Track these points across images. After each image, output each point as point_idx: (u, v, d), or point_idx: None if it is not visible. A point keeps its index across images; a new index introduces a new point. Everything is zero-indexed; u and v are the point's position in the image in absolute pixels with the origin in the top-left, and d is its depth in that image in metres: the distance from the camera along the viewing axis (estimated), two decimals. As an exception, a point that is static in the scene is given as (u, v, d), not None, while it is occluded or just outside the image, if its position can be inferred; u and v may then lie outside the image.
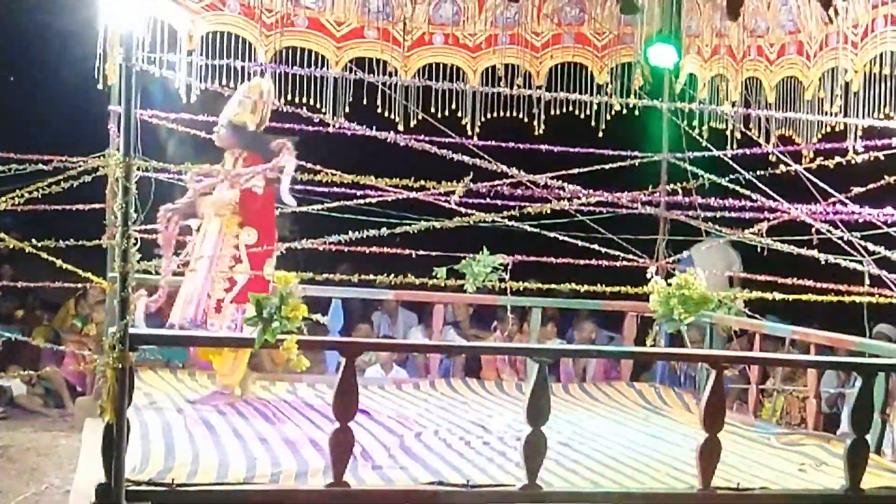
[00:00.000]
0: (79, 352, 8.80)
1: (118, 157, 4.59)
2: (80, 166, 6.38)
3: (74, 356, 9.33)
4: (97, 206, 7.46)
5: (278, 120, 7.49)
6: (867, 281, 6.80)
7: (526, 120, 8.21)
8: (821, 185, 7.12)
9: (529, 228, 7.70)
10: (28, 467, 7.46)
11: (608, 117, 8.30)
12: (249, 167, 6.93)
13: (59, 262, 5.90)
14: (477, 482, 5.24)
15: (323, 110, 7.88)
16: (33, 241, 5.97)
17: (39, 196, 6.24)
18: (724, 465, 5.57)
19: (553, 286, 8.44)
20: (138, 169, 4.66)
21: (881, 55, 6.95)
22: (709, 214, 7.38)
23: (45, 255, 5.91)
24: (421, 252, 7.97)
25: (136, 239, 4.57)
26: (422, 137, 7.24)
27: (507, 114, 8.25)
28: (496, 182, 7.00)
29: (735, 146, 8.09)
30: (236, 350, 6.85)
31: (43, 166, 6.42)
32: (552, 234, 8.02)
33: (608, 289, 6.97)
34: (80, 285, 8.03)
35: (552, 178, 6.67)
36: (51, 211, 7.06)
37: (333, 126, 7.37)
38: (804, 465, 6.19)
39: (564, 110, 8.26)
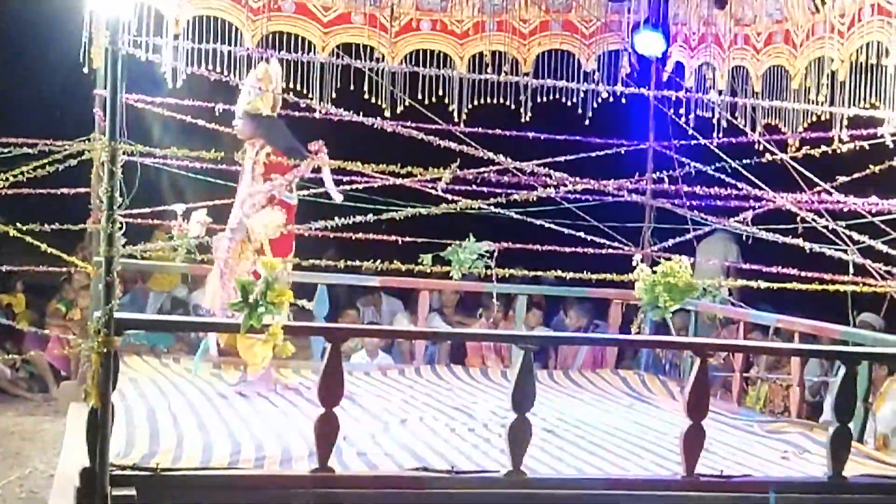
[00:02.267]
0: (63, 336, 8.78)
1: (104, 141, 4.58)
2: (65, 150, 6.36)
3: (59, 340, 9.31)
4: (82, 190, 7.44)
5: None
6: (851, 270, 6.83)
7: (513, 107, 8.22)
8: (806, 173, 7.14)
9: (515, 216, 7.70)
10: (12, 451, 7.45)
11: (595, 105, 8.31)
12: (273, 162, 7.04)
13: (43, 246, 5.89)
14: (461, 468, 5.25)
15: (309, 96, 7.87)
16: (18, 224, 5.95)
17: (24, 180, 6.21)
18: (707, 453, 5.59)
19: (539, 273, 8.45)
20: (124, 153, 4.64)
21: (867, 45, 6.96)
22: (694, 203, 7.39)
23: (29, 239, 5.89)
24: (407, 238, 7.98)
25: (121, 223, 4.56)
26: (408, 124, 7.23)
27: (495, 101, 8.26)
28: (483, 169, 6.99)
29: (721, 135, 8.10)
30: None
31: (28, 150, 6.40)
32: (538, 222, 8.03)
33: (594, 276, 6.97)
34: (65, 269, 8.01)
35: (539, 165, 6.65)
36: (36, 195, 7.03)
37: (320, 112, 7.35)
38: (787, 452, 6.22)
39: (551, 97, 8.26)
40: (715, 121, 8.18)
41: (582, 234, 8.23)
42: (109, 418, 4.56)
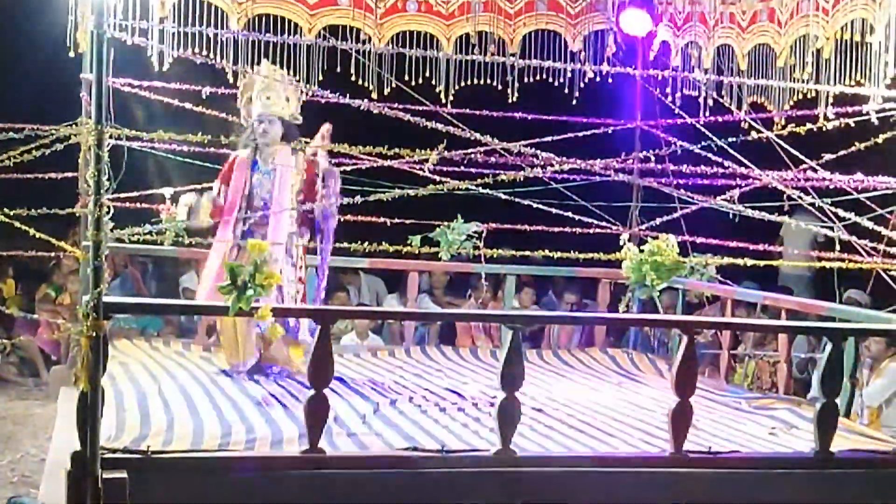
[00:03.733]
0: (53, 321, 8.78)
1: (90, 125, 4.58)
2: (51, 135, 6.35)
3: (49, 325, 9.32)
4: (70, 174, 7.43)
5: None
6: (837, 247, 6.86)
7: (500, 88, 8.21)
8: (792, 151, 7.16)
9: (503, 196, 7.71)
10: (3, 436, 7.47)
11: (581, 85, 8.30)
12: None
13: (32, 231, 5.88)
14: (451, 448, 5.29)
15: (296, 78, 7.85)
16: (5, 209, 5.94)
17: (11, 165, 6.20)
18: (695, 430, 5.64)
19: (527, 253, 8.46)
20: (110, 137, 4.64)
21: (852, 22, 6.97)
22: (681, 182, 7.41)
23: (18, 224, 5.89)
24: (395, 220, 7.98)
25: (108, 207, 4.57)
26: (395, 105, 7.23)
27: (481, 81, 8.24)
28: (470, 150, 7.00)
29: (707, 113, 8.11)
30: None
31: (14, 134, 6.38)
32: (526, 202, 8.04)
33: (582, 256, 6.99)
34: (53, 254, 8.01)
35: (526, 145, 6.66)
36: (24, 179, 7.02)
37: (306, 94, 7.34)
38: (775, 428, 6.26)
39: (538, 78, 8.26)
40: (701, 99, 8.18)
41: (570, 214, 8.24)
42: (100, 402, 4.58)
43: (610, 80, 7.97)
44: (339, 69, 7.85)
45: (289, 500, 5.01)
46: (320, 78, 7.96)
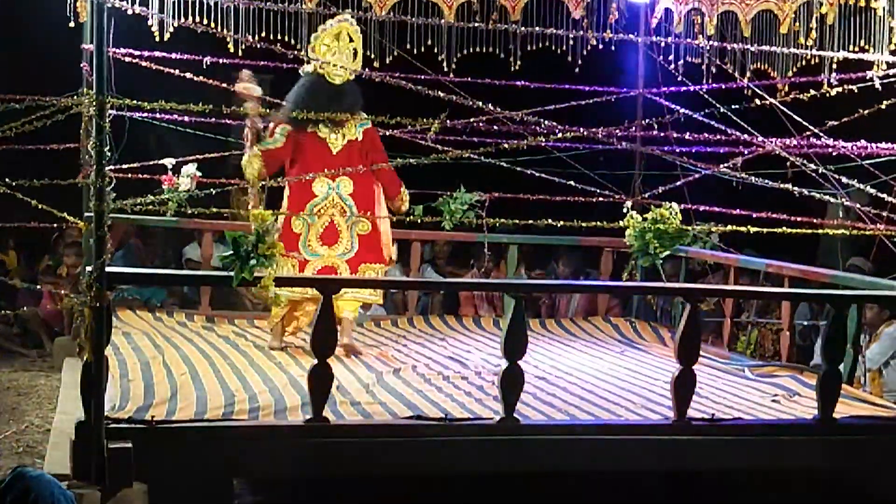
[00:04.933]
0: (56, 291, 8.78)
1: (91, 96, 4.57)
2: (53, 105, 6.33)
3: (51, 296, 9.32)
4: (72, 145, 7.42)
5: (252, 58, 7.44)
6: (841, 214, 6.85)
7: (502, 56, 8.17)
8: (795, 118, 7.13)
9: (506, 165, 7.69)
10: (8, 407, 7.48)
11: (584, 52, 8.26)
12: None
13: (33, 202, 5.88)
14: (455, 416, 5.30)
15: (298, 47, 7.81)
16: (6, 180, 5.94)
17: (12, 135, 6.19)
18: (698, 397, 5.65)
19: (530, 222, 8.44)
20: (111, 107, 4.63)
21: (856, -13, 6.94)
22: (684, 149, 7.39)
23: (19, 195, 5.88)
24: (398, 189, 7.96)
25: (110, 178, 4.56)
26: (397, 74, 7.20)
27: (484, 49, 8.20)
28: (472, 118, 6.98)
29: (710, 80, 8.08)
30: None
31: (15, 105, 6.36)
32: (529, 171, 8.02)
33: (585, 224, 6.98)
34: (55, 226, 8.00)
35: (528, 114, 6.64)
36: (24, 151, 7.01)
37: (308, 63, 7.30)
38: (777, 396, 6.28)
39: (540, 46, 8.21)
40: (704, 67, 8.15)
41: (572, 183, 8.23)
42: (103, 372, 4.59)
43: (612, 48, 7.94)
44: (340, 37, 7.80)
45: (293, 468, 5.04)
46: (322, 47, 7.90)
